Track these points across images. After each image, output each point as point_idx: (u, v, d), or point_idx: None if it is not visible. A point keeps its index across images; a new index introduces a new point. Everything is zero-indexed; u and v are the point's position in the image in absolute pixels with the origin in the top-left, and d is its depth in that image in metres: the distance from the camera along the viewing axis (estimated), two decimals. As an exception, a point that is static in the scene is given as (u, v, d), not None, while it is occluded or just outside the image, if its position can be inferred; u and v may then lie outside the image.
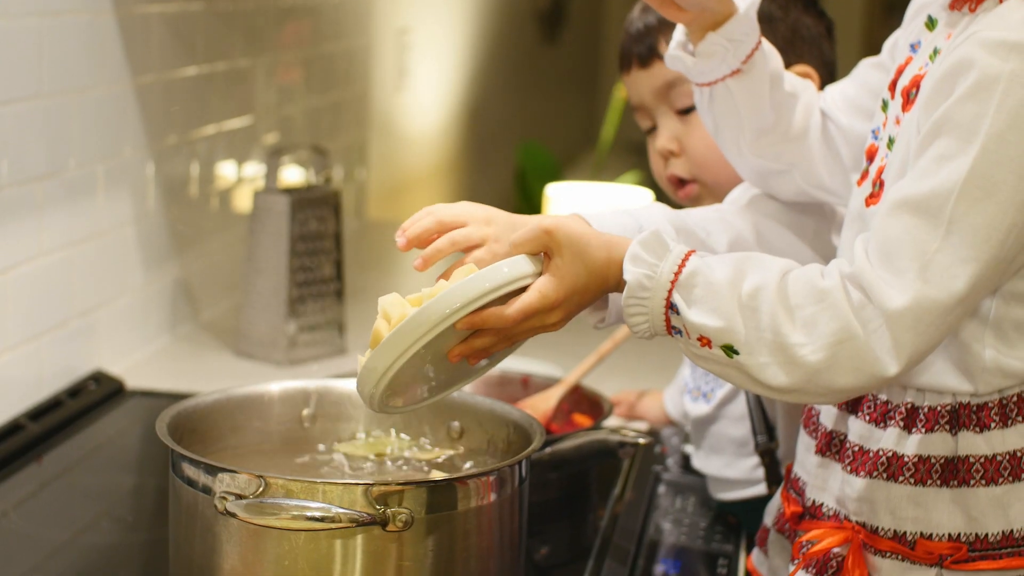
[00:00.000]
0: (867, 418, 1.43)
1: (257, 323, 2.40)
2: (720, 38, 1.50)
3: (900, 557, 1.40)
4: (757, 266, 1.33)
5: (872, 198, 1.43)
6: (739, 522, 1.82)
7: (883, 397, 1.42)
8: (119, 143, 2.24)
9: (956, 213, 1.27)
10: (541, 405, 1.93)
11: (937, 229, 1.28)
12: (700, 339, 1.33)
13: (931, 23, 1.41)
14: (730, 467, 1.82)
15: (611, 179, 5.10)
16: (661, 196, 1.96)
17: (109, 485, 1.88)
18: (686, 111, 1.79)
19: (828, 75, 1.79)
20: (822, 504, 1.47)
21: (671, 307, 1.33)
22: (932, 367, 1.38)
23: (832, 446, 1.47)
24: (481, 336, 1.36)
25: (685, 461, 1.97)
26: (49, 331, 2.08)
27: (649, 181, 5.53)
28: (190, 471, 1.38)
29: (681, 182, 1.81)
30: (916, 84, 1.38)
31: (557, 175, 5.26)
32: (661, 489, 1.90)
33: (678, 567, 1.69)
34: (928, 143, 1.30)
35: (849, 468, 1.43)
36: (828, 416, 1.48)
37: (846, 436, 1.45)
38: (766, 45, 1.55)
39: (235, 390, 1.59)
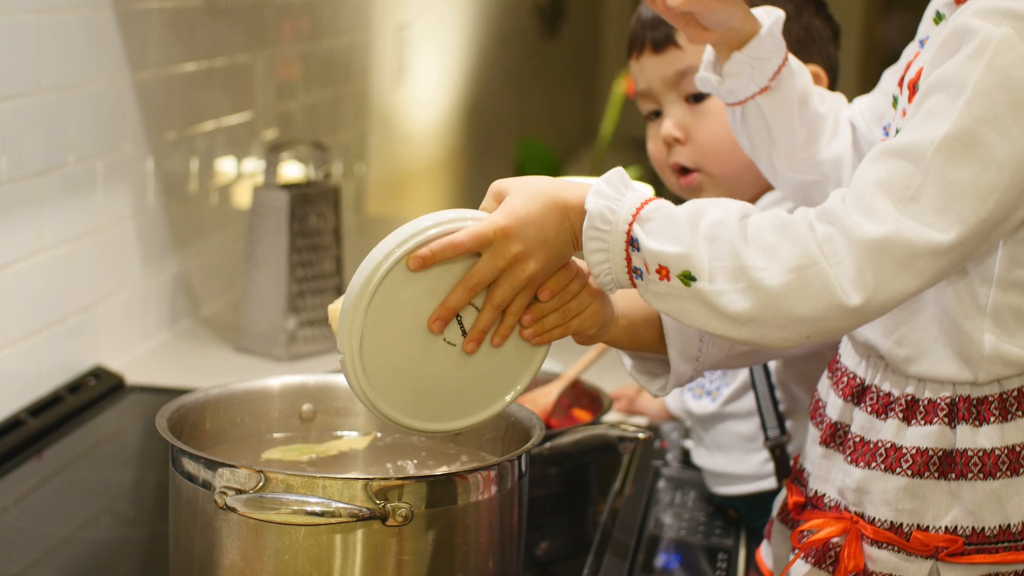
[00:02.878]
0: (869, 409, 1.43)
1: (257, 319, 2.41)
2: (745, 57, 1.51)
3: (896, 548, 1.40)
4: (719, 204, 1.33)
5: None
6: (740, 516, 1.82)
7: (885, 388, 1.42)
8: (118, 139, 2.24)
9: (935, 162, 1.27)
10: (540, 400, 1.93)
11: (916, 176, 1.27)
12: (659, 271, 1.31)
13: (938, 18, 1.42)
14: (738, 463, 1.81)
15: (610, 174, 5.10)
16: (660, 191, 1.96)
17: (109, 481, 1.88)
18: (696, 100, 1.78)
19: (832, 79, 1.78)
20: (824, 495, 1.47)
21: (631, 242, 1.32)
22: (932, 354, 1.38)
23: (836, 437, 1.47)
24: (454, 294, 1.35)
25: (685, 456, 1.97)
26: (49, 327, 2.08)
27: (649, 176, 5.52)
28: (190, 466, 1.38)
29: (683, 170, 1.80)
30: (921, 76, 1.39)
31: (556, 170, 5.25)
32: (661, 484, 1.91)
33: (678, 561, 1.69)
34: (920, 103, 1.31)
35: (850, 459, 1.44)
36: (834, 408, 1.48)
37: (849, 428, 1.45)
38: (793, 62, 1.55)
39: (235, 385, 1.59)
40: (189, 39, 2.46)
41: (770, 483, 1.77)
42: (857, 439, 1.44)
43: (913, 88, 1.39)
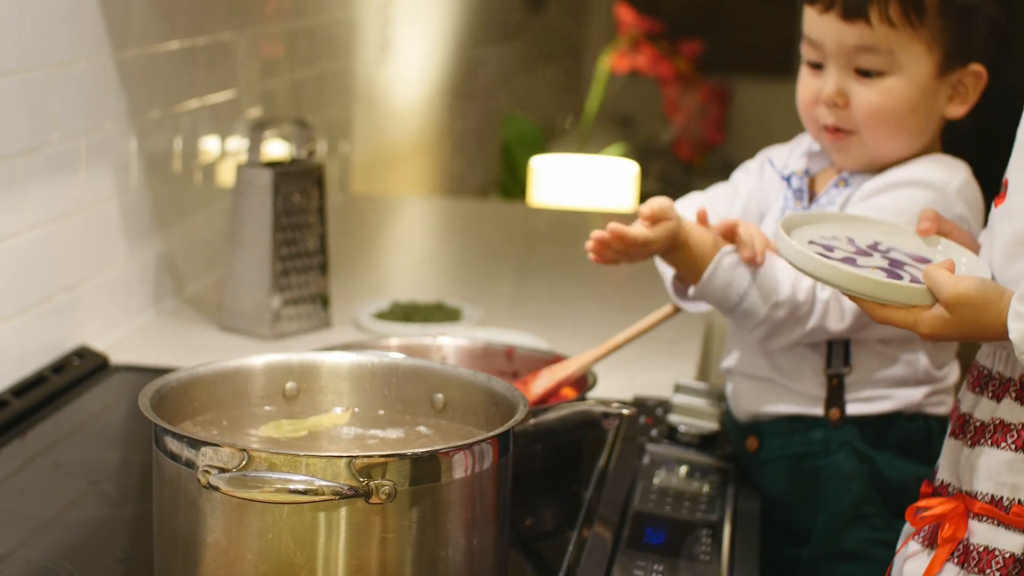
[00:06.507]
0: (990, 395, 1.48)
1: (241, 297, 2.40)
2: None
3: (995, 521, 1.44)
4: None
5: (999, 198, 1.47)
6: (760, 447, 1.87)
7: (1007, 373, 1.47)
8: (101, 118, 2.23)
9: None
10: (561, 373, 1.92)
11: None
12: None
13: None
14: (795, 381, 1.85)
15: (596, 151, 5.10)
16: (645, 170, 1.96)
17: (94, 460, 1.88)
18: (867, 75, 1.77)
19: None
20: (949, 484, 1.53)
21: None
22: None
23: (963, 428, 1.52)
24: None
25: (670, 432, 1.97)
26: (33, 307, 2.08)
27: (634, 153, 5.52)
28: (173, 445, 1.38)
29: (837, 128, 1.81)
30: None
31: (542, 147, 5.25)
32: (646, 460, 1.91)
33: (663, 538, 1.69)
34: None
35: (969, 443, 1.49)
36: (965, 402, 1.53)
37: (972, 415, 1.51)
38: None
39: (218, 364, 1.59)
40: (172, 17, 2.46)
41: (817, 410, 1.81)
42: (977, 424, 1.49)
43: None
